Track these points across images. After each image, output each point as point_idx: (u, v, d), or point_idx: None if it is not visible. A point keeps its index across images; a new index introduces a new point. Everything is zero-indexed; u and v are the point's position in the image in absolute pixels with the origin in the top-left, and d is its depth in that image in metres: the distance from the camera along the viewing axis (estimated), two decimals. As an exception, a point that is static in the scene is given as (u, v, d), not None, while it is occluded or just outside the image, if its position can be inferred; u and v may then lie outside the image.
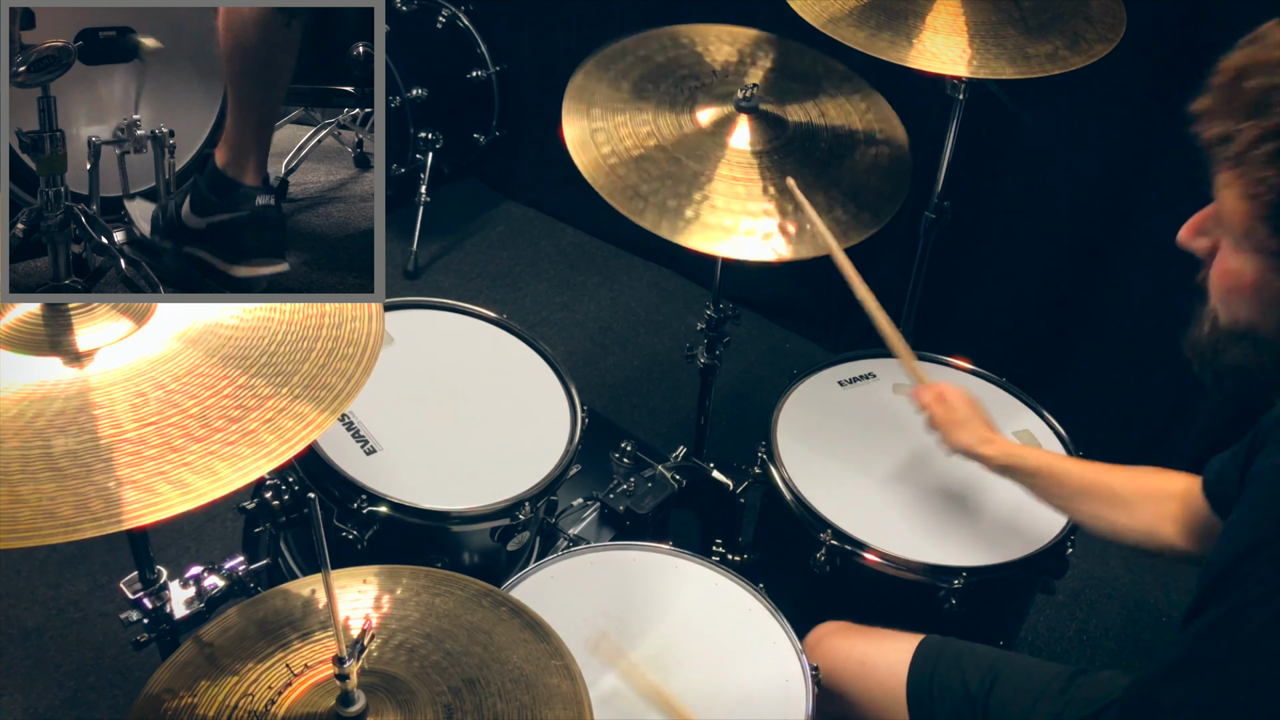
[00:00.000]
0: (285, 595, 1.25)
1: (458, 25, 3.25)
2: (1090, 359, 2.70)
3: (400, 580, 1.27)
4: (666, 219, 1.70)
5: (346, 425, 1.71)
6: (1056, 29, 1.88)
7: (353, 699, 1.08)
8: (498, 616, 1.24)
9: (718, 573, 1.60)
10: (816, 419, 1.90)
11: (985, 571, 1.68)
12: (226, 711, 1.11)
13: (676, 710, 1.37)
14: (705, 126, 1.83)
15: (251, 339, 1.13)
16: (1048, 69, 1.82)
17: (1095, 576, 2.55)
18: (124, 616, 1.30)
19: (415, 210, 3.18)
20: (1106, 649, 2.43)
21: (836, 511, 1.73)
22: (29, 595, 2.27)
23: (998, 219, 2.71)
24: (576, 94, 1.85)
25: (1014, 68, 1.81)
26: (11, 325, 1.09)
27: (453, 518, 1.63)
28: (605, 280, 3.28)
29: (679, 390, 2.89)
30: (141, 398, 1.05)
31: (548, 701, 1.14)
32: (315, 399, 1.09)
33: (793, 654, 1.49)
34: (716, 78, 1.93)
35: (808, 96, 1.94)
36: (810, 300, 3.05)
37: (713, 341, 2.15)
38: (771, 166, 1.79)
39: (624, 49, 1.94)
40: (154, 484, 0.99)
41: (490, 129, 3.37)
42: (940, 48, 1.83)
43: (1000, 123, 2.46)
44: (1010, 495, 1.67)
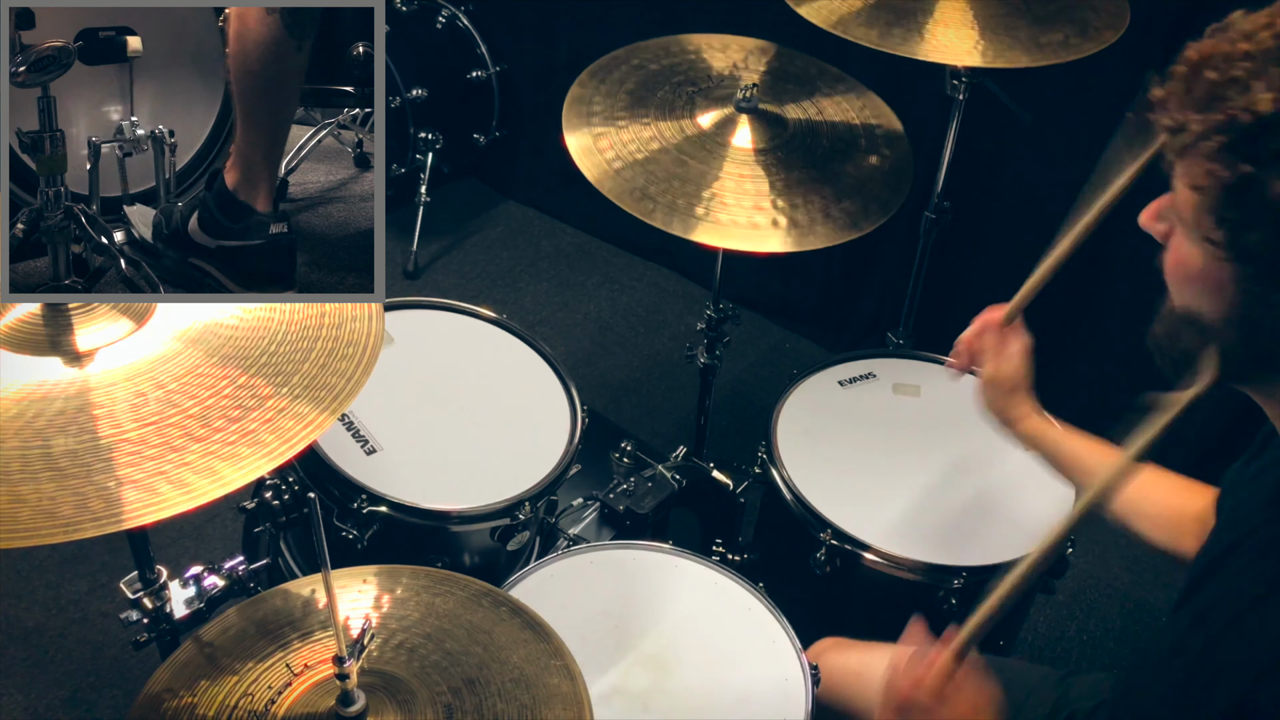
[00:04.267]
0: (285, 595, 1.25)
1: (458, 25, 3.25)
2: (1089, 359, 2.70)
3: (400, 580, 1.27)
4: (678, 218, 1.70)
5: (346, 425, 1.71)
6: (1064, 18, 1.89)
7: (353, 699, 1.08)
8: (498, 616, 1.24)
9: (718, 572, 1.60)
10: (816, 419, 1.90)
11: (985, 571, 1.68)
12: (226, 711, 1.11)
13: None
14: (707, 129, 1.84)
15: (251, 339, 1.13)
16: (1062, 56, 1.82)
17: (1095, 576, 2.55)
18: (124, 616, 1.30)
19: (415, 210, 3.19)
20: (1106, 649, 2.43)
21: (836, 511, 1.73)
22: (29, 595, 2.27)
23: (998, 219, 2.71)
24: (575, 103, 1.85)
25: (1029, 56, 1.81)
26: (11, 325, 1.09)
27: (453, 518, 1.63)
28: (605, 280, 3.28)
29: (679, 390, 2.89)
30: (141, 398, 1.05)
31: (548, 701, 1.14)
32: (315, 399, 1.09)
33: (792, 653, 1.49)
34: (713, 82, 1.93)
35: (804, 96, 1.94)
36: (810, 300, 3.05)
37: (713, 341, 2.15)
38: (775, 164, 1.80)
39: (617, 59, 1.95)
40: (154, 484, 0.99)
41: (490, 129, 3.38)
42: (952, 40, 1.84)
43: (1000, 123, 2.46)
44: (1011, 495, 1.67)
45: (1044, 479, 1.83)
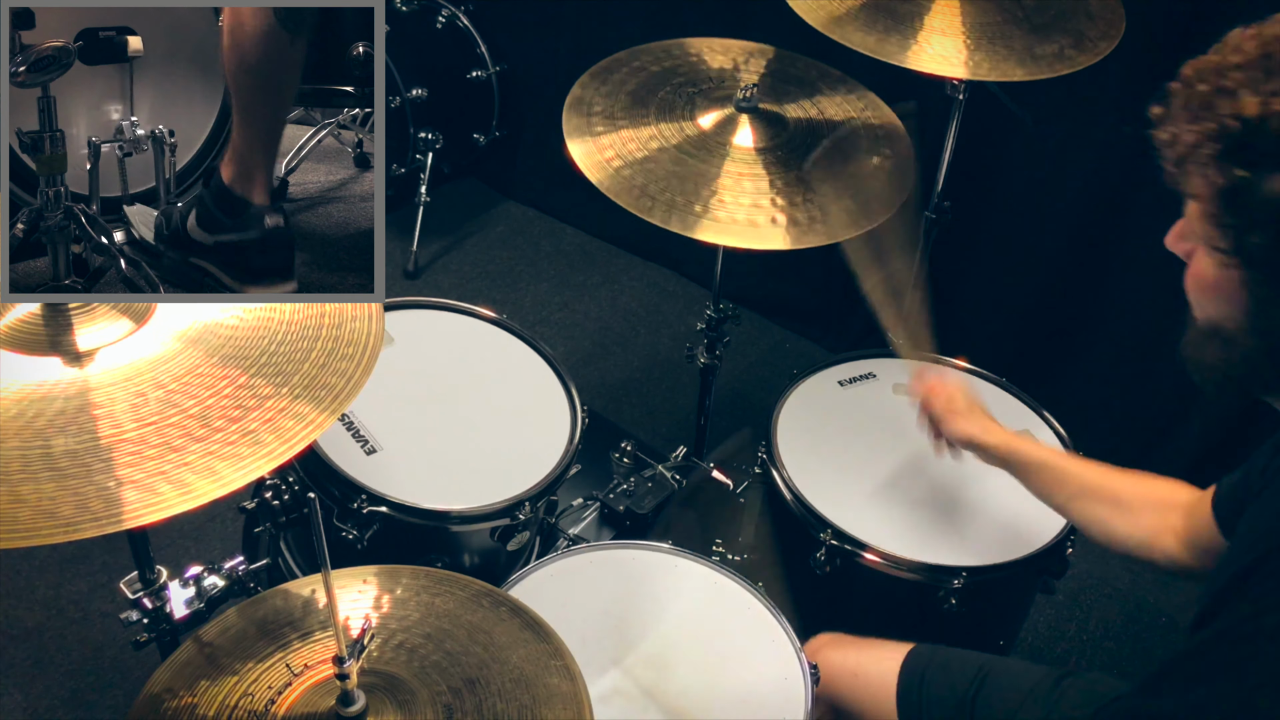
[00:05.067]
0: (285, 595, 1.25)
1: (458, 25, 3.25)
2: (1090, 359, 2.70)
3: (400, 580, 1.27)
4: (677, 215, 1.70)
5: (346, 425, 1.71)
6: (1060, 28, 1.88)
7: (353, 699, 1.08)
8: (498, 616, 1.24)
9: (718, 572, 1.60)
10: (816, 419, 1.90)
11: (985, 571, 1.68)
12: (226, 711, 1.11)
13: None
14: (708, 129, 1.84)
15: (251, 339, 1.13)
16: (1057, 69, 1.81)
17: (1095, 576, 2.55)
18: (124, 616, 1.30)
19: (415, 210, 3.19)
20: (1106, 649, 2.43)
21: (836, 511, 1.73)
22: (29, 595, 2.27)
23: (998, 219, 2.71)
24: (575, 105, 1.85)
25: (1024, 69, 1.81)
26: (11, 325, 1.09)
27: (453, 518, 1.63)
28: (605, 280, 3.28)
29: (679, 390, 2.89)
30: (141, 398, 1.05)
31: (548, 701, 1.14)
32: (315, 399, 1.09)
33: (792, 653, 1.49)
34: (713, 83, 1.93)
35: (804, 96, 1.94)
36: (810, 300, 3.05)
37: (713, 341, 2.15)
38: (776, 162, 1.80)
39: (618, 61, 1.95)
40: (154, 484, 0.99)
41: (490, 129, 3.37)
42: (948, 50, 1.83)
43: (1000, 123, 2.46)
44: (1010, 495, 1.67)
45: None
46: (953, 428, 1.61)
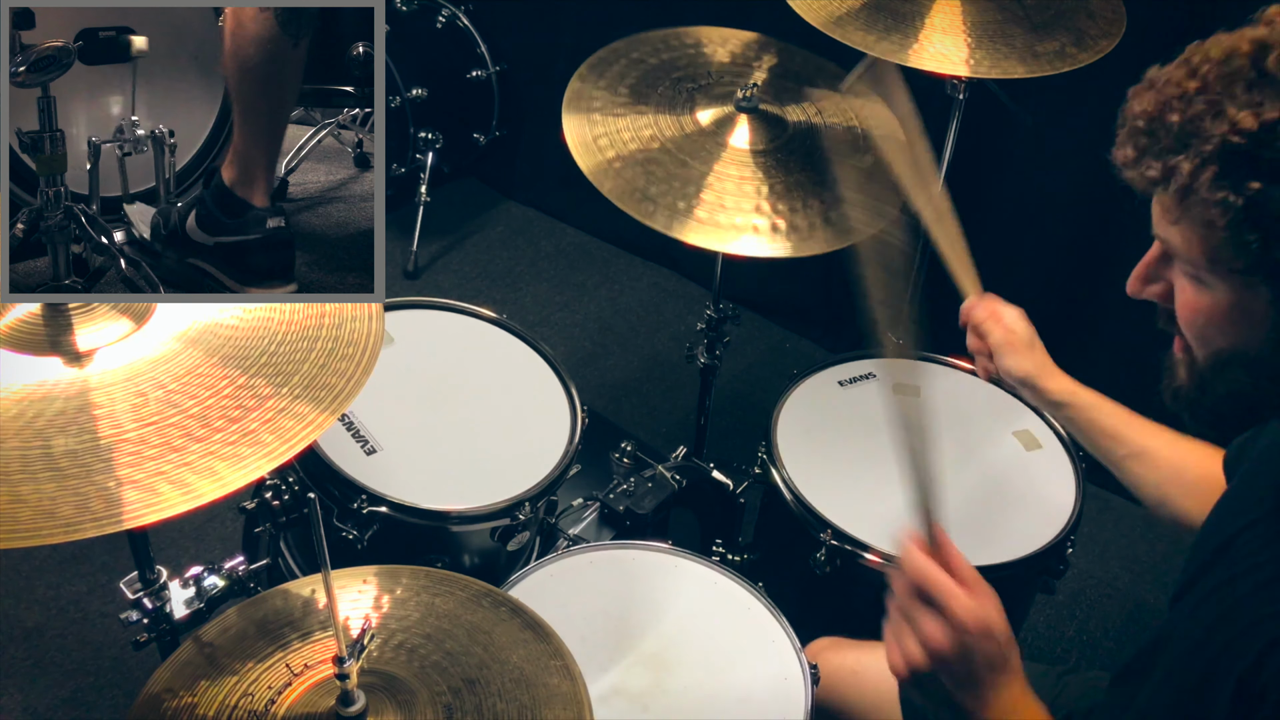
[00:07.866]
0: (285, 595, 1.25)
1: (458, 25, 3.25)
2: (1091, 359, 2.69)
3: (400, 580, 1.27)
4: (676, 219, 1.70)
5: (346, 425, 1.71)
6: (1061, 25, 1.88)
7: (353, 699, 1.08)
8: (498, 616, 1.24)
9: (717, 572, 1.60)
10: (816, 419, 1.90)
11: (985, 571, 1.67)
12: (226, 711, 1.11)
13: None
14: (706, 126, 1.83)
15: (251, 339, 1.13)
16: (1058, 66, 1.81)
17: (1095, 576, 2.55)
18: (124, 616, 1.30)
19: (415, 210, 3.19)
20: (1106, 649, 2.43)
21: (836, 511, 1.73)
22: (29, 595, 2.27)
23: (998, 219, 2.71)
24: (574, 99, 1.85)
25: (1025, 66, 1.81)
26: (11, 325, 1.09)
27: (453, 518, 1.63)
28: (605, 280, 3.28)
29: (679, 390, 2.89)
30: (141, 398, 1.05)
31: (548, 701, 1.14)
32: (315, 399, 1.09)
33: (792, 653, 1.49)
34: (713, 78, 1.93)
35: (805, 96, 1.94)
36: (810, 300, 3.04)
37: (713, 341, 2.15)
38: (774, 165, 1.80)
39: (616, 51, 1.95)
40: (154, 484, 0.99)
41: (490, 129, 3.37)
42: (948, 48, 1.83)
43: (1000, 123, 2.46)
44: (1010, 495, 1.67)
45: (1043, 479, 1.84)
46: (1010, 362, 1.52)
